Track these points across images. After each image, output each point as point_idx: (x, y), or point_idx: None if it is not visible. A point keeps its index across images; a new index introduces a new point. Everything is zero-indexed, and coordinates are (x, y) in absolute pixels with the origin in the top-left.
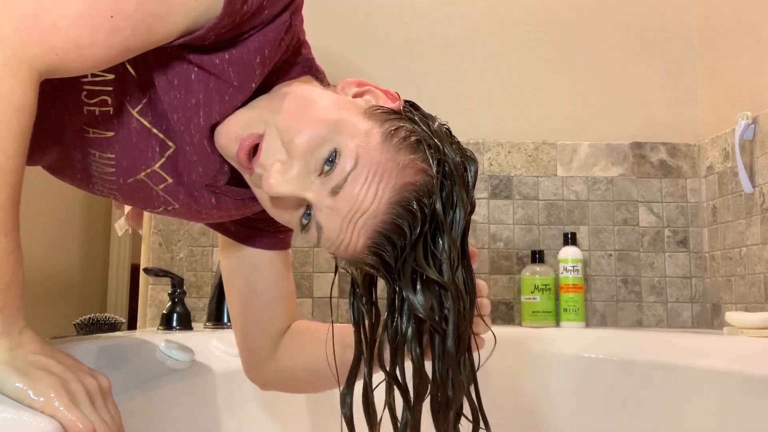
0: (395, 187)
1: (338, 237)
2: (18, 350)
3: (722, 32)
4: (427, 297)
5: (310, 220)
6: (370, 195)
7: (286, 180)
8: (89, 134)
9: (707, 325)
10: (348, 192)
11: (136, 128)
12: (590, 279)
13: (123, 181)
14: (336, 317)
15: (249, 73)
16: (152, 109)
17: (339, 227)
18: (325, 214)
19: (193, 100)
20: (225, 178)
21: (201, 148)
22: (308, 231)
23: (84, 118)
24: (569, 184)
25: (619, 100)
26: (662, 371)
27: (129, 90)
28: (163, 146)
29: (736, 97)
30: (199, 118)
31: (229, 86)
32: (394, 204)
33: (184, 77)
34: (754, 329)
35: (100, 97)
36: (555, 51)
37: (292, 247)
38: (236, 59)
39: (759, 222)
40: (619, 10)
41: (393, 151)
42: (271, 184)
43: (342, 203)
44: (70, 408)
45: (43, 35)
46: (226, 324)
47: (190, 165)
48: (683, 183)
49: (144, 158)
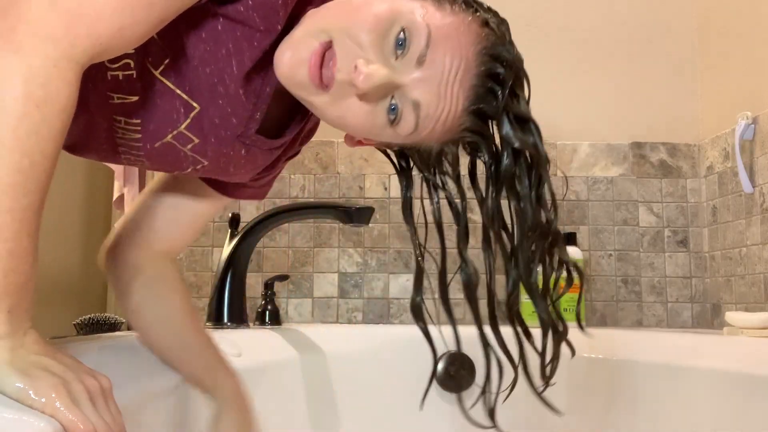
0: (473, 41)
1: (438, 106)
2: (20, 350)
3: (722, 32)
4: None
5: (397, 106)
6: (455, 54)
7: (376, 69)
8: (114, 100)
9: (707, 325)
10: (432, 58)
11: (159, 90)
12: (590, 279)
13: (150, 146)
14: (336, 317)
15: (273, 16)
16: (175, 69)
17: (437, 94)
18: (419, 89)
19: (223, 50)
20: (256, 125)
21: (236, 99)
22: (402, 119)
23: (108, 83)
24: (569, 184)
25: (619, 100)
26: (662, 371)
27: (150, 51)
28: (188, 107)
29: (736, 97)
30: (232, 67)
31: (256, 31)
32: (480, 54)
33: (211, 29)
34: (754, 329)
35: (122, 61)
36: (554, 51)
37: (293, 247)
38: (260, 4)
39: (759, 222)
40: (619, 10)
41: (452, 13)
42: (366, 75)
43: (431, 71)
44: (70, 408)
45: (90, 28)
46: (226, 324)
47: (220, 121)
48: (683, 183)
49: (170, 120)
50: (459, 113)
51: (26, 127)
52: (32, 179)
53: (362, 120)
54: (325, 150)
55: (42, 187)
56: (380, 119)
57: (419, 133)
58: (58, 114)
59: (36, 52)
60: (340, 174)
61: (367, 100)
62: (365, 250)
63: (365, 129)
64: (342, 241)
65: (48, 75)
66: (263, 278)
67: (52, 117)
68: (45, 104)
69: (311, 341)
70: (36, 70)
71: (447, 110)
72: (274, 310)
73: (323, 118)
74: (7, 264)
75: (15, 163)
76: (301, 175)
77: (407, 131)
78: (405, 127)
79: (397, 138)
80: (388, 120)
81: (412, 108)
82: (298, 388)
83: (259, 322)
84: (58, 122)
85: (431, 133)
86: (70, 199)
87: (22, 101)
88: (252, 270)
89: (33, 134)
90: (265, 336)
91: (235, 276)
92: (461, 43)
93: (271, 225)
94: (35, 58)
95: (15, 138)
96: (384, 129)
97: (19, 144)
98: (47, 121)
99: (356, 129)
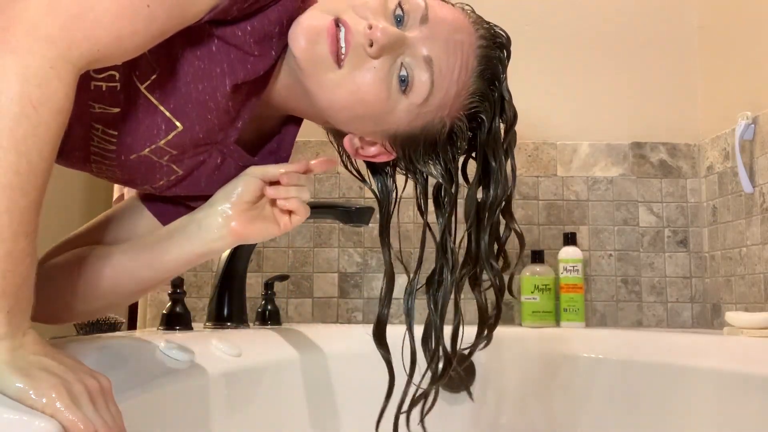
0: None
1: (449, 60)
2: (20, 351)
3: (722, 32)
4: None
5: (408, 70)
6: (454, 17)
7: (389, 26)
8: (94, 109)
9: (707, 325)
10: (434, 15)
11: (142, 105)
12: (590, 279)
13: (125, 157)
14: (336, 317)
15: (268, 43)
16: (161, 85)
17: (446, 49)
18: (428, 44)
19: (217, 69)
20: (235, 134)
21: (224, 111)
22: (415, 82)
23: (90, 93)
24: (569, 184)
25: (619, 100)
26: (662, 371)
27: (138, 64)
28: (170, 125)
29: (736, 97)
30: (225, 86)
31: (250, 56)
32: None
33: (206, 49)
34: (754, 329)
35: (108, 72)
36: (555, 51)
37: (293, 247)
38: (257, 30)
39: (759, 222)
40: (619, 10)
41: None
42: (382, 29)
43: (436, 27)
44: (71, 408)
45: (88, 32)
46: (227, 324)
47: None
48: (683, 183)
49: (149, 135)
50: (470, 74)
51: (24, 128)
52: (30, 180)
53: (377, 89)
54: (325, 150)
55: (40, 188)
56: (394, 87)
57: (434, 96)
58: (55, 115)
59: (33, 52)
60: (340, 174)
61: (384, 57)
62: (365, 250)
63: (380, 100)
64: (342, 241)
65: (45, 75)
66: (263, 278)
67: (50, 118)
68: (42, 105)
69: (311, 341)
70: (33, 71)
71: (460, 67)
72: (274, 310)
73: (333, 102)
74: (5, 265)
75: (12, 164)
76: None
77: (424, 94)
78: (421, 90)
79: (410, 111)
80: (400, 88)
81: (425, 66)
82: (298, 388)
83: (259, 322)
84: (55, 123)
85: (445, 96)
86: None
87: (18, 102)
88: (252, 270)
89: (30, 135)
90: (265, 336)
91: (235, 276)
92: (455, 12)
93: None
94: (32, 58)
95: (12, 139)
96: (398, 100)
97: (16, 145)
98: (44, 122)
99: (370, 102)
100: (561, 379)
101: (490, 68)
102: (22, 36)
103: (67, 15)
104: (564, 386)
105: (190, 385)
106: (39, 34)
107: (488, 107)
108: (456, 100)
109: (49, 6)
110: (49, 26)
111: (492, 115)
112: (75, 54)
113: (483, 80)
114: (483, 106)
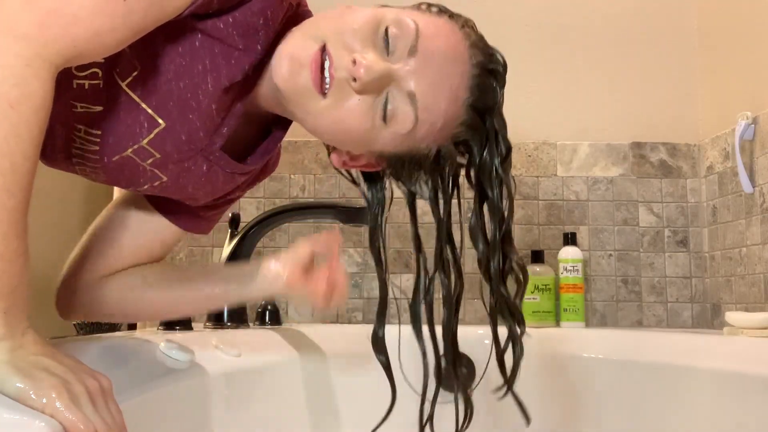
0: (461, 38)
1: (435, 95)
2: (19, 351)
3: (722, 32)
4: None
5: (392, 104)
6: (447, 46)
7: (374, 61)
8: (77, 109)
9: (707, 325)
10: (424, 47)
11: (124, 102)
12: (590, 279)
13: (108, 159)
14: (336, 317)
15: (253, 36)
16: (143, 82)
17: (433, 84)
18: (413, 80)
19: (199, 66)
20: (221, 141)
21: (207, 114)
22: (398, 113)
23: (73, 92)
24: (569, 184)
25: (619, 100)
26: (662, 371)
27: (119, 62)
28: (152, 122)
29: (736, 97)
30: (207, 84)
31: (235, 50)
32: (471, 48)
33: (188, 44)
34: (754, 329)
35: (90, 70)
36: (555, 51)
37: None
38: (240, 22)
39: (759, 222)
40: (619, 10)
41: (435, 15)
42: (366, 67)
43: (424, 62)
44: (71, 408)
45: (64, 29)
46: (226, 324)
47: (187, 137)
48: (683, 183)
49: (131, 134)
50: (459, 106)
51: (4, 129)
52: (15, 181)
53: (360, 120)
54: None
55: (26, 188)
56: (378, 118)
57: (418, 129)
58: (35, 113)
59: (8, 51)
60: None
61: (367, 94)
62: (365, 250)
63: (363, 130)
64: (342, 241)
65: (22, 74)
66: None
67: (30, 117)
68: (21, 104)
69: (311, 341)
70: (9, 70)
71: (448, 100)
72: (274, 310)
73: (317, 128)
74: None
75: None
76: (301, 175)
77: (407, 127)
78: (405, 123)
79: (395, 138)
80: (383, 118)
81: (408, 101)
82: (298, 388)
83: (259, 322)
84: (36, 122)
85: (431, 128)
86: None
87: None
88: None
89: (12, 136)
90: (265, 336)
91: None
92: (450, 39)
93: (271, 225)
94: (7, 57)
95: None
96: (381, 129)
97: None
98: (25, 122)
99: (353, 132)
100: (561, 379)
101: (482, 99)
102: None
103: (43, 12)
104: (564, 386)
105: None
106: (15, 32)
107: (477, 138)
108: (443, 130)
109: (26, 3)
110: (25, 24)
111: (482, 146)
112: (52, 51)
113: (474, 111)
114: (472, 137)
